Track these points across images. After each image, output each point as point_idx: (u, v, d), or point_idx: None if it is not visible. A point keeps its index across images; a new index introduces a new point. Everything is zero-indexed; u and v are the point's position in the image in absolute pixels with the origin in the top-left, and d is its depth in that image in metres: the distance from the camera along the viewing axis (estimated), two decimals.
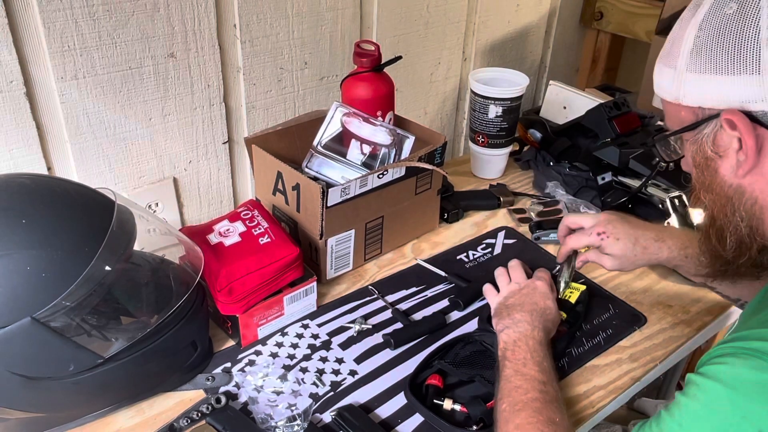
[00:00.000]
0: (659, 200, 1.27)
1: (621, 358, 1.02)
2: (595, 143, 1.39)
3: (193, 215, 1.30)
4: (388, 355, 1.00)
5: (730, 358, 0.61)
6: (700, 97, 0.70)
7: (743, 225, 0.71)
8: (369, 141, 1.15)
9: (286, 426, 0.85)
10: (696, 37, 0.68)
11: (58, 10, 0.97)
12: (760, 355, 0.58)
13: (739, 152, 0.68)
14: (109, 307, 0.87)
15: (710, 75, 0.67)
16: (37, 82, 1.01)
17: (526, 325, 0.94)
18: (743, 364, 0.59)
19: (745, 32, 0.64)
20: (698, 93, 0.70)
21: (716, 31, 0.67)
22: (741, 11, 0.65)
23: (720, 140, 0.69)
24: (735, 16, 0.65)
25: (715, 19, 0.67)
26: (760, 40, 0.63)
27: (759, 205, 0.70)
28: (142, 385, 0.89)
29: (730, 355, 0.61)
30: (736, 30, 0.65)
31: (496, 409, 0.84)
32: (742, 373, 0.59)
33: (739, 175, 0.69)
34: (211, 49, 1.16)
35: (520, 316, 0.95)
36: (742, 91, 0.66)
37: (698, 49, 0.68)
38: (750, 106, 0.66)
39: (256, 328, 1.00)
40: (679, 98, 0.72)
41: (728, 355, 0.61)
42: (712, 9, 0.67)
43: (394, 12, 1.41)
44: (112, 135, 1.11)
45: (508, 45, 1.72)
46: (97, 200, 0.83)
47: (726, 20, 0.66)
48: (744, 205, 0.70)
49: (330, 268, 1.14)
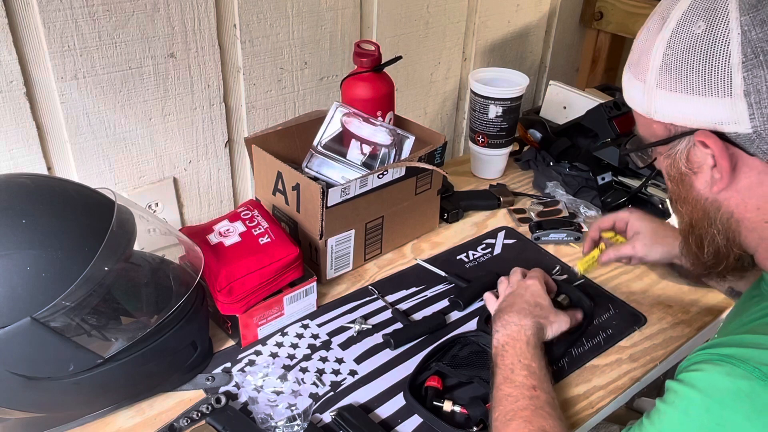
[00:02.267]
0: (659, 200, 1.27)
1: (621, 358, 1.02)
2: (595, 143, 1.39)
3: (193, 215, 1.30)
4: (388, 355, 1.00)
5: (706, 365, 0.61)
6: (671, 115, 0.69)
7: (720, 237, 0.72)
8: (369, 141, 1.15)
9: (286, 426, 0.85)
10: (665, 55, 0.68)
11: (58, 10, 0.97)
12: (734, 362, 0.59)
13: (714, 170, 0.68)
14: (109, 307, 0.87)
15: (681, 94, 0.67)
16: (37, 82, 1.01)
17: (514, 326, 0.93)
18: (718, 371, 0.60)
19: (716, 55, 0.64)
20: (669, 110, 0.69)
21: (686, 50, 0.66)
22: (710, 32, 0.64)
23: (693, 157, 0.70)
24: (704, 36, 0.65)
25: (684, 38, 0.66)
26: (731, 65, 0.63)
27: (735, 218, 0.70)
28: (142, 385, 0.89)
29: (706, 362, 0.61)
30: (705, 51, 0.65)
31: (490, 418, 0.84)
32: (717, 379, 0.59)
33: (714, 191, 0.70)
34: (211, 49, 1.16)
35: (509, 318, 0.95)
36: (713, 113, 0.65)
37: (668, 67, 0.68)
38: (722, 127, 0.66)
39: (256, 328, 1.00)
40: (650, 113, 0.72)
41: (704, 362, 0.62)
42: (680, 26, 0.67)
43: (394, 12, 1.41)
44: (112, 135, 1.11)
45: (508, 45, 1.72)
46: (97, 200, 0.83)
47: (695, 40, 0.65)
48: (720, 219, 0.71)
49: (330, 268, 1.14)
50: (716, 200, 0.70)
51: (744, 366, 0.58)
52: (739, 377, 0.58)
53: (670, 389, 0.64)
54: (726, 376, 0.59)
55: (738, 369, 0.58)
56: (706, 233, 0.73)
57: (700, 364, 0.62)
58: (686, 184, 0.72)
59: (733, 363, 0.59)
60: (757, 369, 0.57)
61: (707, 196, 0.71)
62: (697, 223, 0.74)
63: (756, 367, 0.57)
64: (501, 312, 0.97)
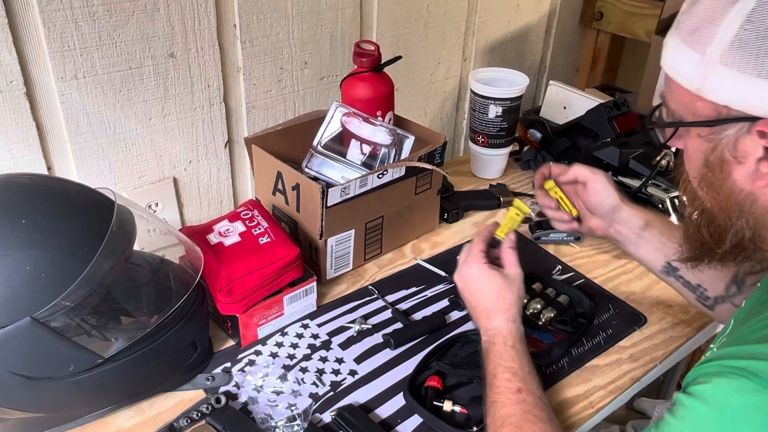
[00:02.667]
0: (659, 200, 1.27)
1: (621, 358, 1.02)
2: (595, 143, 1.39)
3: (193, 215, 1.30)
4: (388, 355, 1.00)
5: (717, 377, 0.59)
6: (730, 96, 0.62)
7: (747, 228, 0.67)
8: (369, 141, 1.15)
9: (286, 426, 0.85)
10: (742, 29, 0.59)
11: (58, 10, 0.97)
12: (747, 375, 0.57)
13: (762, 162, 0.63)
14: (109, 307, 0.87)
15: (751, 77, 0.60)
16: (37, 82, 1.01)
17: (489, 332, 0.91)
18: (729, 385, 0.57)
19: None
20: (729, 91, 0.62)
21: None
22: None
23: (742, 146, 0.63)
24: None
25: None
26: None
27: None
28: (142, 385, 0.89)
29: (717, 375, 0.59)
30: None
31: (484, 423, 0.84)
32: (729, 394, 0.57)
33: (757, 185, 0.64)
34: (211, 49, 1.16)
35: (481, 323, 0.93)
36: None
37: (742, 43, 0.60)
38: None
39: (256, 328, 1.00)
40: (701, 90, 0.64)
41: (714, 374, 0.59)
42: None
43: (394, 12, 1.41)
44: (112, 135, 1.11)
45: (508, 45, 1.72)
46: (97, 200, 0.83)
47: None
48: (754, 212, 0.66)
49: (330, 268, 1.14)
50: (752, 192, 0.65)
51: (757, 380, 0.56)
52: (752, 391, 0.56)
53: (679, 402, 0.62)
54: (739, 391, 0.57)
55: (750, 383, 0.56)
56: (732, 225, 0.68)
57: (711, 376, 0.60)
58: (724, 172, 0.65)
59: (745, 376, 0.56)
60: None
61: (743, 188, 0.65)
62: (720, 213, 0.69)
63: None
64: (473, 318, 0.96)
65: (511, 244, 0.99)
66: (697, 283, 0.98)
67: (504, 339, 0.89)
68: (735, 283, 0.93)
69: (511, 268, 0.96)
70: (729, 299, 0.94)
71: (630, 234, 1.01)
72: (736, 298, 0.93)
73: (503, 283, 0.94)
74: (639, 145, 1.37)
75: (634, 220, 1.00)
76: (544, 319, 1.07)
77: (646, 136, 1.40)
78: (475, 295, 0.95)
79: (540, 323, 1.07)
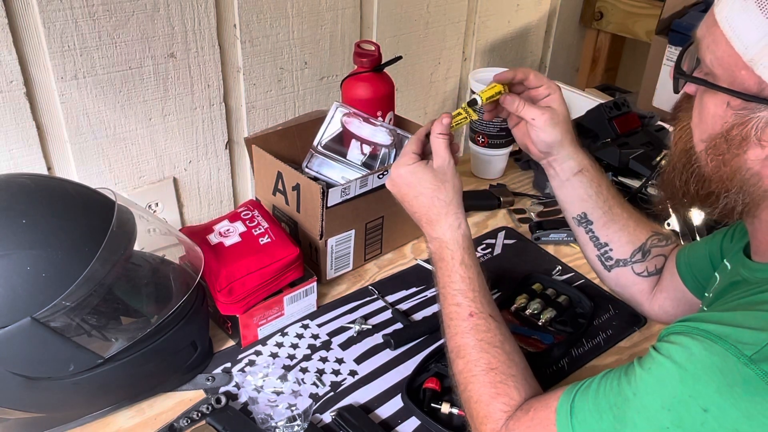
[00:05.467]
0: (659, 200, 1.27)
1: (621, 359, 1.02)
2: (595, 143, 1.39)
3: (193, 215, 1.30)
4: (388, 356, 1.00)
5: (685, 337, 0.61)
6: None
7: (740, 203, 0.66)
8: (369, 141, 1.15)
9: (286, 426, 0.85)
10: None
11: (58, 10, 0.97)
12: (712, 338, 0.59)
13: None
14: (109, 307, 0.87)
15: None
16: (37, 82, 1.01)
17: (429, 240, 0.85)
18: (695, 345, 0.59)
19: None
20: None
21: None
22: None
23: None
24: None
25: None
26: None
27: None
28: (142, 385, 0.89)
29: (685, 334, 0.61)
30: None
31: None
32: (694, 353, 0.59)
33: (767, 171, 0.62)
34: (211, 49, 1.16)
35: (425, 230, 0.85)
36: None
37: None
38: None
39: (256, 328, 1.00)
40: (753, 61, 0.58)
41: (683, 334, 0.61)
42: None
43: (394, 12, 1.41)
44: (112, 135, 1.11)
45: (508, 45, 1.72)
46: (97, 200, 0.83)
47: None
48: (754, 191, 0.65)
49: (330, 268, 1.14)
50: (759, 173, 0.63)
51: (722, 343, 0.58)
52: (715, 353, 0.58)
53: (649, 355, 0.64)
54: (703, 351, 0.59)
55: (715, 346, 0.58)
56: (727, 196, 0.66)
57: (680, 336, 0.62)
58: (741, 148, 0.62)
59: (711, 339, 0.59)
60: (733, 347, 0.57)
61: (752, 167, 0.63)
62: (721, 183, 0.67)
63: (733, 344, 0.57)
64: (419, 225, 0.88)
65: (441, 129, 0.86)
66: (605, 241, 0.96)
67: (452, 253, 0.82)
68: (641, 251, 0.95)
69: (437, 159, 0.86)
70: (630, 264, 0.95)
71: (560, 173, 0.97)
72: (637, 265, 0.95)
73: (433, 179, 0.84)
74: (639, 145, 1.37)
75: (570, 163, 0.95)
76: (543, 320, 1.07)
77: (646, 136, 1.40)
78: (410, 200, 0.86)
79: (540, 324, 1.07)
